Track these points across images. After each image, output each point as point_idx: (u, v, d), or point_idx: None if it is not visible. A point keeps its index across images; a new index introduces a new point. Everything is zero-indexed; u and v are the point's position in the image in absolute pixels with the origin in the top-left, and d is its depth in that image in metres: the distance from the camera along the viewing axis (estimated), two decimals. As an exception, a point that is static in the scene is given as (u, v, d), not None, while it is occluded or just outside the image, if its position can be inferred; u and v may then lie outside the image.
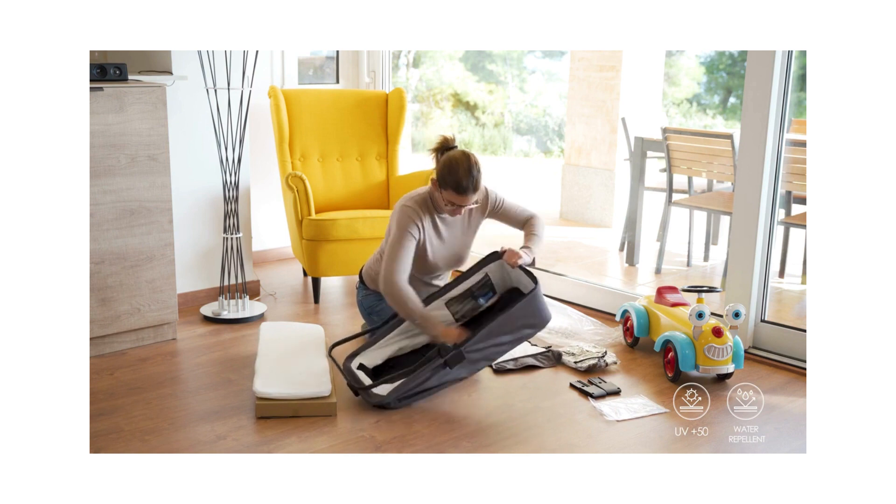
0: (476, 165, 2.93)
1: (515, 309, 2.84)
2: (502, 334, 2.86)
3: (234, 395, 2.91)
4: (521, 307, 2.85)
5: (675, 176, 4.66)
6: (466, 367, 2.88)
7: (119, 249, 3.21)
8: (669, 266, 4.87)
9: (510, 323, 2.85)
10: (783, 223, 4.22)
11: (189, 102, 3.67)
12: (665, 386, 3.06)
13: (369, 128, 4.38)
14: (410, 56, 8.46)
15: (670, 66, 7.11)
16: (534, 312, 2.89)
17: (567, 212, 6.30)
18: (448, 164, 2.93)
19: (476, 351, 2.84)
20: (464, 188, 2.91)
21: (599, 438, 2.64)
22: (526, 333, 2.92)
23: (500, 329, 2.85)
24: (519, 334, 2.91)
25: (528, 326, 2.90)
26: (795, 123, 4.41)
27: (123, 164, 3.16)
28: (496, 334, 2.85)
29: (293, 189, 3.86)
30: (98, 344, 3.24)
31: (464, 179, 2.89)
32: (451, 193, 2.93)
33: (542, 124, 8.87)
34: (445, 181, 2.92)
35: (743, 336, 3.33)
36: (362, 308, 3.30)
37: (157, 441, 2.56)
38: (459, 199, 2.94)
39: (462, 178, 2.89)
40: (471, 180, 2.90)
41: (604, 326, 3.69)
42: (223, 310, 3.71)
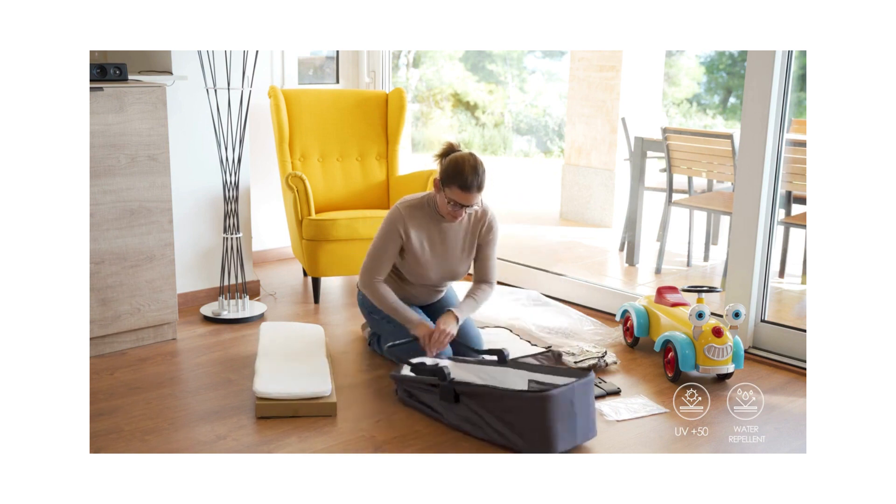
0: (482, 165, 2.93)
1: (519, 400, 2.48)
2: (490, 408, 2.54)
3: (234, 395, 2.91)
4: (524, 407, 2.47)
5: (675, 176, 4.66)
6: (454, 413, 2.64)
7: (119, 249, 3.21)
8: (669, 266, 4.87)
9: (502, 403, 2.51)
10: (783, 223, 4.22)
11: (189, 102, 3.67)
12: (665, 386, 3.06)
13: (369, 128, 4.38)
14: (410, 56, 8.46)
15: (670, 66, 7.11)
16: (534, 427, 2.46)
17: (567, 212, 6.31)
18: (453, 162, 2.93)
19: (469, 399, 2.59)
20: (468, 185, 2.89)
21: (599, 438, 2.64)
22: (507, 436, 2.51)
23: (493, 399, 2.53)
24: (499, 426, 2.52)
25: (516, 433, 2.49)
26: (795, 123, 4.41)
27: (123, 164, 3.16)
28: (488, 400, 2.54)
29: (293, 189, 3.86)
30: (98, 344, 3.24)
31: (469, 176, 2.88)
32: (455, 191, 2.92)
33: (542, 124, 8.87)
34: (450, 178, 2.91)
35: (743, 336, 3.33)
36: (363, 308, 3.30)
37: (157, 441, 2.56)
38: (463, 197, 2.92)
39: (468, 175, 2.88)
40: (475, 178, 2.89)
41: (604, 326, 3.69)
42: (223, 310, 3.71)
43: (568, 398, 2.47)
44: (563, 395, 2.46)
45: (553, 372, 2.71)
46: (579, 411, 2.50)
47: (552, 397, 2.43)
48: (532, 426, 2.46)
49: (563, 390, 2.46)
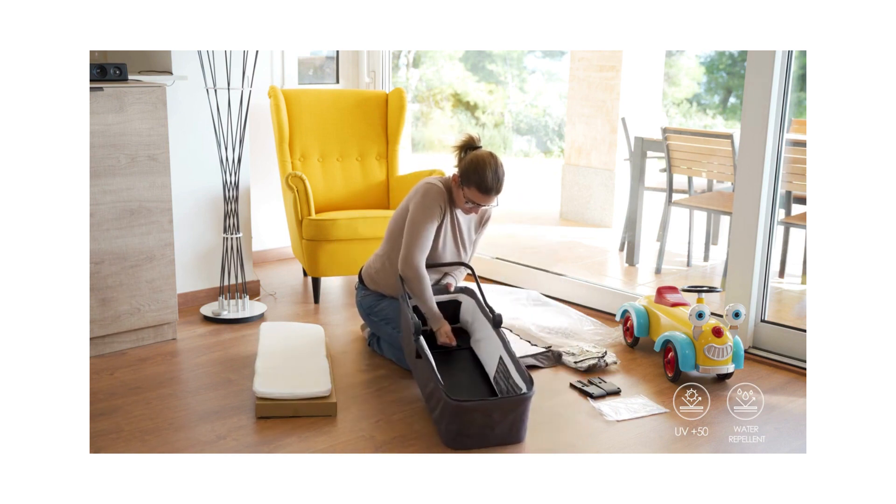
0: (502, 168, 2.96)
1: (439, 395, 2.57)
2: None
3: (234, 395, 2.91)
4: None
5: (675, 176, 4.66)
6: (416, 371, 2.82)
7: (119, 249, 3.21)
8: (669, 266, 4.87)
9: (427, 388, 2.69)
10: (783, 223, 4.22)
11: (189, 102, 3.67)
12: (665, 386, 3.06)
13: (369, 128, 4.38)
14: (410, 56, 8.45)
15: (670, 66, 7.11)
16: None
17: (567, 212, 6.30)
18: (475, 162, 2.93)
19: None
20: (488, 188, 2.92)
21: (599, 438, 2.64)
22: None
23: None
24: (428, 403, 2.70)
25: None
26: (795, 123, 4.41)
27: (123, 164, 3.16)
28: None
29: (293, 189, 3.86)
30: (98, 344, 3.24)
31: (490, 179, 2.91)
32: (474, 192, 2.94)
33: (542, 124, 8.86)
34: (470, 179, 2.93)
35: (743, 336, 3.33)
36: (361, 308, 3.30)
37: (157, 441, 2.56)
38: (482, 199, 2.95)
39: (488, 178, 2.91)
40: (496, 181, 2.93)
41: (604, 326, 3.69)
42: (223, 310, 3.71)
43: (488, 411, 2.52)
44: (480, 406, 2.53)
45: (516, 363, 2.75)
46: (498, 422, 2.53)
47: (465, 407, 2.50)
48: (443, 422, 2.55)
49: (479, 403, 2.54)
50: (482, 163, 2.92)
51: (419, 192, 3.04)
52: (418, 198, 3.03)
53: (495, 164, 2.93)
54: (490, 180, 2.91)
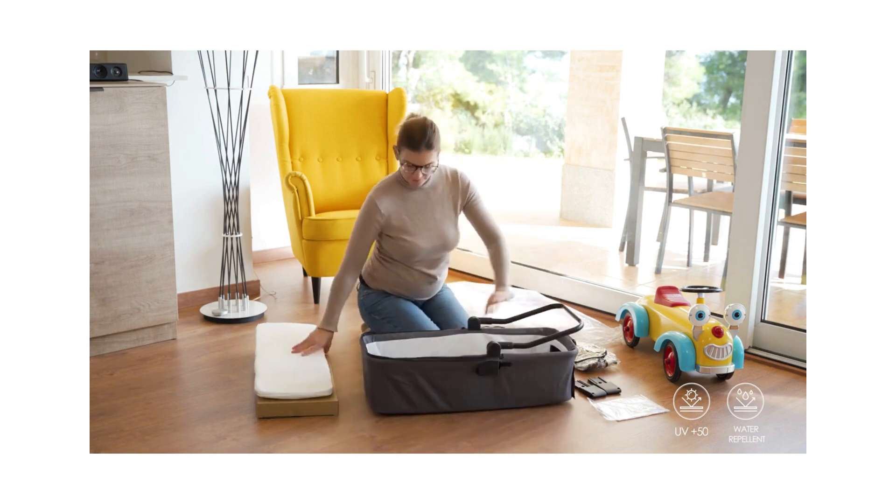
0: (431, 126, 2.99)
1: (547, 357, 2.83)
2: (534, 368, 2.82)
3: (234, 395, 2.91)
4: (551, 363, 2.83)
5: (675, 176, 4.66)
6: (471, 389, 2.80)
7: (119, 249, 3.21)
8: (669, 266, 4.87)
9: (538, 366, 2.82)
10: (783, 223, 4.22)
11: (189, 102, 3.67)
12: (665, 386, 3.06)
13: (369, 128, 4.38)
14: (410, 56, 8.45)
15: (670, 66, 7.11)
16: (553, 377, 2.83)
17: (567, 212, 6.30)
18: (402, 126, 3.03)
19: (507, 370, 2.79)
20: (416, 142, 2.95)
21: (599, 438, 2.64)
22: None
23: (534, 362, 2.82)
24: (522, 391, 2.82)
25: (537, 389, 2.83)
26: (795, 123, 4.41)
27: (123, 164, 3.16)
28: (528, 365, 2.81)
29: (293, 189, 3.86)
30: (98, 344, 3.24)
31: (416, 133, 2.95)
32: (406, 151, 2.98)
33: (542, 124, 8.86)
34: (400, 141, 3.00)
35: (743, 336, 3.33)
36: (363, 308, 3.30)
37: (157, 441, 2.56)
38: (413, 157, 2.97)
39: (415, 133, 2.95)
40: (421, 133, 2.95)
41: (604, 326, 3.69)
42: (223, 310, 3.71)
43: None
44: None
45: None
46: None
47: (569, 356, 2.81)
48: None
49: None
50: (409, 123, 3.01)
51: (360, 210, 3.13)
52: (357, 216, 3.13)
53: (423, 121, 3.00)
54: (417, 134, 2.95)
